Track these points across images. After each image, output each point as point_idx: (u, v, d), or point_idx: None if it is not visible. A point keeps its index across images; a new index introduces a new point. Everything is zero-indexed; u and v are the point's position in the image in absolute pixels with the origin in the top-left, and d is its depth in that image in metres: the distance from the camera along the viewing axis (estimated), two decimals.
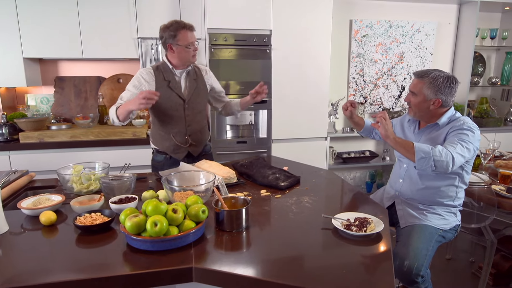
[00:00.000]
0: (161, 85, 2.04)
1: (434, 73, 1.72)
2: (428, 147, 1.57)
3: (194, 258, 1.14)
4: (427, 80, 1.71)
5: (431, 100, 1.73)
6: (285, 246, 1.24)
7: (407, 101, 1.82)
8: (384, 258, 1.17)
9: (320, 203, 1.62)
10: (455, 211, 1.86)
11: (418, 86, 1.74)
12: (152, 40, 3.11)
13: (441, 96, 1.71)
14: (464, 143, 1.61)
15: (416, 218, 1.79)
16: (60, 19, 2.94)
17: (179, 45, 1.97)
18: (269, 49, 3.14)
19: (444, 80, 1.71)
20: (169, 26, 1.97)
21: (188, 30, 1.97)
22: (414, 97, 1.76)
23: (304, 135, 3.40)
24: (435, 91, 1.71)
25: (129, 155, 2.93)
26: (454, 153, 1.56)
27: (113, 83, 3.37)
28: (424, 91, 1.72)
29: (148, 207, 1.20)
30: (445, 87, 1.71)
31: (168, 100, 2.07)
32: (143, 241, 1.16)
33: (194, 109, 2.16)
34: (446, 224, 1.79)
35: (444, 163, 1.54)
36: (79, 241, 1.26)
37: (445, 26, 4.02)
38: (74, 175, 1.66)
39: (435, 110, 1.76)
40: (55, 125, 3.03)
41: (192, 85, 2.13)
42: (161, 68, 2.06)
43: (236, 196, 1.46)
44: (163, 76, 2.05)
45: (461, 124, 1.70)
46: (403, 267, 1.55)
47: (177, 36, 1.95)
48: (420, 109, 1.77)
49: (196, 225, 1.24)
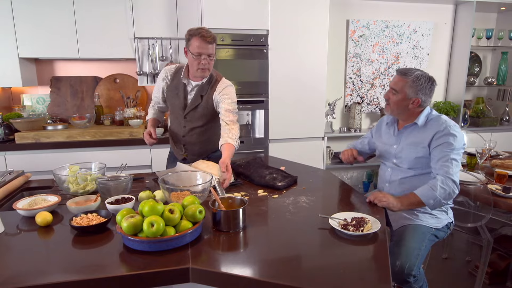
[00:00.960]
0: (170, 90, 2.09)
1: (417, 72, 1.73)
2: (429, 190, 1.62)
3: (191, 258, 1.13)
4: (410, 78, 1.72)
5: (411, 99, 1.74)
6: (282, 246, 1.24)
7: (386, 98, 1.82)
8: (381, 258, 1.17)
9: (317, 203, 1.62)
10: (446, 209, 1.86)
11: (400, 83, 1.75)
12: (149, 40, 3.10)
13: (421, 96, 1.73)
14: (454, 159, 1.67)
15: (407, 219, 1.79)
16: (56, 18, 2.92)
17: (190, 51, 1.89)
18: (266, 49, 3.14)
19: (426, 80, 1.73)
20: (190, 31, 1.88)
21: (201, 38, 1.82)
22: (394, 95, 1.77)
23: (301, 135, 3.40)
24: (416, 91, 1.72)
25: (126, 156, 2.93)
26: (452, 177, 1.64)
27: (110, 83, 3.36)
28: (406, 90, 1.73)
29: (144, 207, 1.20)
30: (426, 88, 1.73)
31: (171, 104, 2.12)
32: (139, 242, 1.15)
33: (193, 122, 2.07)
34: (438, 222, 1.79)
35: (450, 193, 1.63)
36: (75, 242, 1.26)
37: (441, 26, 4.04)
38: (70, 176, 1.65)
39: (412, 109, 1.77)
40: (51, 126, 3.02)
41: (196, 101, 2.02)
42: (179, 73, 2.03)
43: (233, 196, 1.46)
44: (178, 80, 2.04)
45: (445, 129, 1.71)
46: (395, 267, 1.56)
47: (190, 41, 1.87)
48: (398, 107, 1.77)
49: (193, 225, 1.23)
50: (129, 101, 3.32)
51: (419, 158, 1.77)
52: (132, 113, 3.19)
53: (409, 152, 1.79)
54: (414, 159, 1.78)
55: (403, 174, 1.83)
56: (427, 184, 1.66)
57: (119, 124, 3.20)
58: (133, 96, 3.35)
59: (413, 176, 1.80)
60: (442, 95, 4.24)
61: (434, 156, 1.71)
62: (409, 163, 1.80)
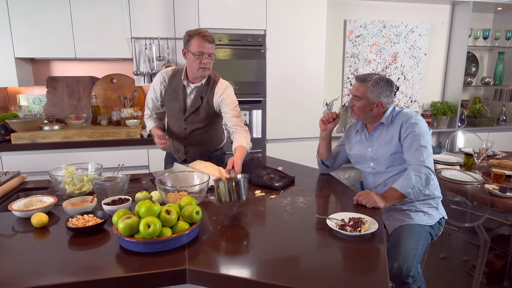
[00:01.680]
0: (169, 93, 2.05)
1: (375, 77, 1.78)
2: (405, 180, 1.68)
3: (188, 259, 1.13)
4: (370, 83, 1.77)
5: (374, 103, 1.79)
6: (280, 246, 1.24)
7: (350, 105, 1.86)
8: (379, 258, 1.17)
9: (314, 203, 1.62)
10: (436, 204, 1.87)
11: (361, 90, 1.79)
12: (146, 40, 3.09)
13: (383, 98, 1.79)
14: (423, 146, 1.71)
15: (401, 220, 1.80)
16: (52, 18, 2.91)
17: (190, 51, 1.88)
18: (263, 49, 3.14)
19: (385, 83, 1.78)
20: (189, 31, 1.89)
21: (202, 38, 1.83)
22: (358, 101, 1.81)
23: (299, 135, 3.39)
24: (377, 94, 1.77)
25: (123, 156, 2.91)
26: (424, 163, 1.69)
27: (107, 83, 3.35)
28: (368, 95, 1.78)
29: (141, 208, 1.19)
30: (386, 90, 1.78)
31: (171, 108, 2.09)
32: (136, 243, 1.15)
33: (194, 125, 2.08)
34: (430, 219, 1.80)
35: (426, 179, 1.68)
36: (71, 243, 1.25)
37: (438, 26, 4.05)
38: (67, 176, 1.64)
39: (377, 112, 1.83)
40: (47, 126, 3.00)
41: (196, 103, 2.02)
42: (177, 75, 2.02)
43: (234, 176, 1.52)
44: (176, 83, 2.02)
45: (408, 119, 1.77)
46: (393, 269, 1.56)
47: (190, 41, 1.87)
48: (364, 112, 1.82)
49: (190, 226, 1.23)
50: (126, 101, 3.31)
51: (394, 154, 1.80)
52: (129, 113, 3.18)
53: (384, 151, 1.83)
54: (390, 156, 1.81)
55: (385, 175, 1.86)
56: (402, 176, 1.71)
57: (116, 124, 3.19)
58: (130, 96, 3.34)
59: (396, 175, 1.82)
60: (439, 95, 4.25)
61: (405, 147, 1.76)
62: (386, 162, 1.84)
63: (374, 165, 1.89)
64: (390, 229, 1.81)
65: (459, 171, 2.35)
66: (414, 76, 4.08)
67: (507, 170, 2.31)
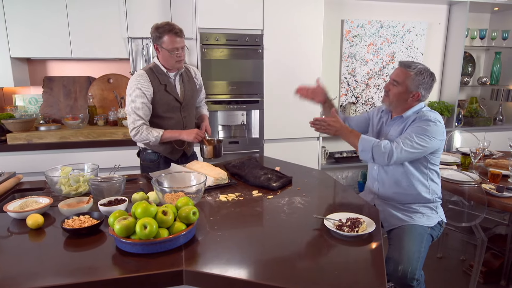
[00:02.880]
0: (158, 90, 2.02)
1: (420, 66, 1.72)
2: (371, 140, 1.66)
3: (184, 260, 1.12)
4: (413, 71, 1.71)
5: (411, 92, 1.73)
6: (277, 247, 1.23)
7: (386, 89, 1.80)
8: (376, 259, 1.17)
9: (312, 204, 1.61)
10: (436, 207, 1.84)
11: (401, 75, 1.73)
12: (143, 39, 3.08)
13: (422, 90, 1.73)
14: (413, 139, 1.64)
15: (399, 219, 1.79)
16: (49, 18, 2.89)
17: (164, 48, 1.94)
18: (260, 49, 3.13)
19: (429, 75, 1.72)
20: (158, 27, 1.94)
21: (174, 34, 1.92)
22: (395, 87, 1.75)
23: (296, 135, 3.39)
24: (418, 84, 1.71)
25: (120, 156, 2.90)
26: (396, 149, 1.63)
27: (103, 83, 3.33)
28: (408, 82, 1.71)
29: (137, 209, 1.18)
30: (428, 82, 1.72)
31: (165, 104, 2.06)
32: (132, 244, 1.14)
33: (189, 110, 2.19)
34: (429, 221, 1.78)
35: (384, 156, 1.64)
36: (67, 244, 1.24)
37: (435, 26, 4.06)
38: (63, 177, 1.63)
39: (410, 103, 1.77)
40: (43, 126, 2.99)
41: (187, 87, 2.14)
42: (154, 71, 2.02)
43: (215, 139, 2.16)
44: (158, 80, 2.01)
45: (421, 116, 1.71)
46: (398, 272, 1.54)
47: (162, 39, 1.93)
48: (398, 99, 1.76)
49: (187, 227, 1.22)
50: (123, 101, 3.29)
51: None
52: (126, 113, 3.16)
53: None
54: None
55: (391, 169, 1.81)
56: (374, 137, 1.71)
57: (112, 124, 3.17)
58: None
59: (402, 172, 1.77)
60: (436, 95, 4.26)
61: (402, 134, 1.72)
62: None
63: None
64: (386, 226, 1.81)
65: (456, 170, 2.35)
66: None
67: (503, 169, 2.32)
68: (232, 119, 3.26)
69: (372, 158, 1.66)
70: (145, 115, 2.01)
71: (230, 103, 3.15)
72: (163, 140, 2.01)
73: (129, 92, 1.99)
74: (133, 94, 1.97)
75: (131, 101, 1.98)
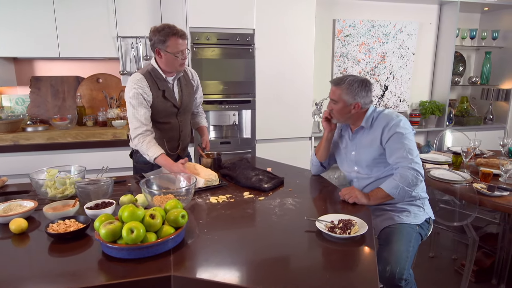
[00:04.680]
0: (156, 95, 1.95)
1: (349, 78, 1.78)
2: (392, 181, 1.68)
3: (173, 265, 1.09)
4: (344, 86, 1.76)
5: (351, 104, 1.78)
6: (268, 250, 1.21)
7: (329, 109, 1.86)
8: (368, 261, 1.15)
9: (304, 205, 1.59)
10: (422, 204, 1.86)
11: (336, 93, 1.79)
12: (132, 38, 3.03)
13: (359, 99, 1.77)
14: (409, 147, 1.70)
15: (387, 219, 1.78)
16: (35, 16, 2.82)
17: (168, 52, 1.86)
18: (252, 49, 3.11)
19: (360, 84, 1.77)
20: (160, 30, 1.85)
21: (179, 37, 1.86)
22: (335, 105, 1.81)
23: (288, 135, 3.37)
24: (353, 96, 1.76)
25: (109, 157, 2.85)
26: (412, 165, 1.67)
27: (92, 83, 3.28)
28: (344, 97, 1.77)
29: (124, 213, 1.15)
30: (362, 91, 1.77)
31: (163, 110, 1.99)
32: (119, 249, 1.11)
33: (186, 114, 2.15)
34: (416, 219, 1.79)
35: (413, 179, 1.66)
36: (52, 249, 1.20)
37: (426, 26, 4.07)
38: (48, 180, 1.58)
39: (357, 114, 1.82)
40: (31, 127, 2.92)
41: (185, 92, 2.08)
42: (153, 75, 1.95)
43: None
44: (157, 86, 1.95)
45: (389, 121, 1.75)
46: (386, 273, 1.53)
47: (167, 42, 1.84)
48: (342, 114, 1.81)
49: (176, 230, 1.19)
50: (112, 101, 3.24)
51: (376, 159, 1.80)
52: (116, 113, 3.11)
53: (366, 154, 1.82)
54: (372, 160, 1.81)
55: (368, 180, 1.85)
56: (391, 177, 1.71)
57: (102, 125, 3.12)
58: (116, 96, 3.28)
59: (380, 179, 1.81)
60: (428, 95, 4.28)
61: (390, 150, 1.74)
62: (369, 167, 1.83)
63: (358, 168, 1.88)
64: (378, 229, 1.80)
65: (447, 170, 2.36)
66: (402, 76, 4.10)
67: (494, 169, 2.32)
68: (224, 119, 3.23)
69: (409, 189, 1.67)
70: (147, 120, 1.92)
71: (221, 103, 3.11)
72: (158, 162, 1.87)
73: (129, 97, 1.90)
74: (133, 99, 1.88)
75: (132, 107, 1.89)
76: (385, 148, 1.76)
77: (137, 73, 1.94)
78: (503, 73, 4.11)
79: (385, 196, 1.69)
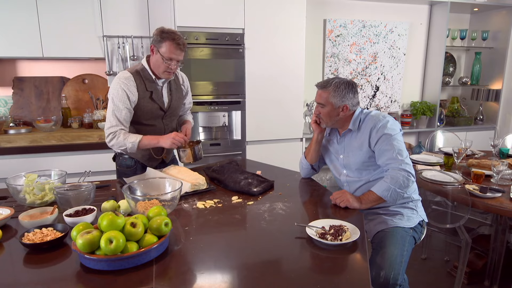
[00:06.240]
0: (143, 96, 1.87)
1: (335, 80, 1.75)
2: (383, 183, 1.65)
3: (155, 277, 1.03)
4: (331, 88, 1.73)
5: (339, 107, 1.75)
6: (256, 258, 1.16)
7: (317, 113, 1.83)
8: (361, 269, 1.11)
9: (294, 210, 1.54)
10: (415, 207, 1.83)
11: (323, 96, 1.76)
12: (119, 38, 2.96)
13: (347, 101, 1.75)
14: (399, 149, 1.67)
15: (382, 223, 1.75)
16: (17, 15, 2.73)
17: (159, 53, 1.80)
18: (242, 49, 3.05)
19: (346, 86, 1.74)
20: (164, 31, 1.80)
21: (176, 44, 1.78)
22: (323, 108, 1.78)
23: (279, 137, 3.33)
24: (340, 98, 1.73)
25: (95, 160, 2.77)
26: (402, 166, 1.64)
27: (78, 84, 3.19)
28: (331, 100, 1.74)
29: (103, 221, 1.08)
30: (349, 92, 1.74)
31: (148, 112, 1.92)
32: (97, 260, 1.04)
33: (172, 117, 2.06)
34: (409, 222, 1.76)
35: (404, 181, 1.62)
36: (27, 260, 1.13)
37: (417, 27, 4.06)
38: (26, 186, 1.51)
39: (344, 116, 1.79)
40: (13, 129, 2.83)
41: (174, 96, 2.01)
42: (142, 75, 1.88)
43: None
44: (144, 86, 1.87)
45: (376, 123, 1.72)
46: (380, 278, 1.49)
47: (163, 43, 1.78)
48: (331, 117, 1.78)
49: (159, 239, 1.13)
50: (98, 102, 3.16)
51: (365, 162, 1.77)
52: (102, 115, 3.03)
53: (355, 158, 1.79)
54: (362, 164, 1.78)
55: (359, 182, 1.82)
56: (382, 180, 1.68)
57: (88, 127, 3.04)
58: (102, 97, 3.19)
59: (370, 182, 1.78)
60: (419, 95, 4.27)
61: (379, 152, 1.71)
62: (358, 170, 1.80)
63: (347, 172, 1.84)
64: (371, 233, 1.76)
65: (439, 171, 2.33)
66: (393, 76, 4.08)
67: (486, 169, 2.31)
68: (213, 120, 3.17)
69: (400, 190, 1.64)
70: (126, 121, 1.85)
71: (211, 104, 3.05)
72: (140, 147, 1.83)
73: (113, 94, 1.82)
74: (116, 97, 1.81)
75: (114, 104, 1.81)
76: (374, 150, 1.73)
77: (125, 71, 1.87)
78: (493, 74, 4.12)
79: (377, 199, 1.66)
